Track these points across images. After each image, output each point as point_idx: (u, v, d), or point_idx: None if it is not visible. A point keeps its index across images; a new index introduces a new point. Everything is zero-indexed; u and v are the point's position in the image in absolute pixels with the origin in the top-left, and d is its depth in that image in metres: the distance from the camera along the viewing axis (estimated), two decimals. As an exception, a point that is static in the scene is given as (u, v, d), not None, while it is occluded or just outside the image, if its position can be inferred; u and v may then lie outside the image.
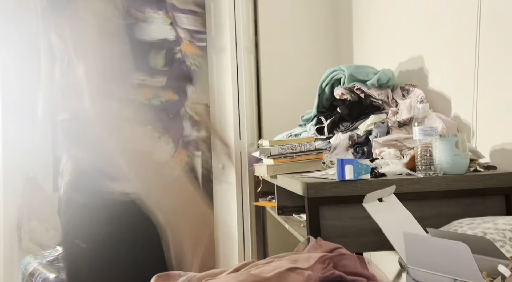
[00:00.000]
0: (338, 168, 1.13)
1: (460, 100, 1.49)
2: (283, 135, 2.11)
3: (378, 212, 0.75)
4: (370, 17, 2.17)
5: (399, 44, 1.89)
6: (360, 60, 2.30)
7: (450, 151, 1.18)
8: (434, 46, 1.64)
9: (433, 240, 0.66)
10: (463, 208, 1.18)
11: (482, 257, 0.71)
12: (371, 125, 1.61)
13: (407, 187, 1.14)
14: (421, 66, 1.72)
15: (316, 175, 1.30)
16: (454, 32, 1.52)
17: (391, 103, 1.69)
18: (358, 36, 2.32)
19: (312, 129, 1.87)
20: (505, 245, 0.89)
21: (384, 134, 1.58)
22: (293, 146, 1.44)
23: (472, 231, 0.96)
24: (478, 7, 1.40)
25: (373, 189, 1.10)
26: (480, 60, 1.40)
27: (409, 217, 0.82)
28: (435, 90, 1.62)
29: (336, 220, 1.13)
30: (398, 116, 1.56)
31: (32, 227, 2.04)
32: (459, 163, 1.18)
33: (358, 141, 1.62)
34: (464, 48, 1.47)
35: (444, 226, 1.07)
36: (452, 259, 0.63)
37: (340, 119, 1.78)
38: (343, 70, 1.74)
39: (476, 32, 1.41)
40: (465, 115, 1.46)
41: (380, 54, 2.07)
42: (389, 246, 0.74)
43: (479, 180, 1.17)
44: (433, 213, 1.17)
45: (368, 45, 2.20)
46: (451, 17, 1.53)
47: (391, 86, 1.77)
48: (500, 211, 1.20)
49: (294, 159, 1.44)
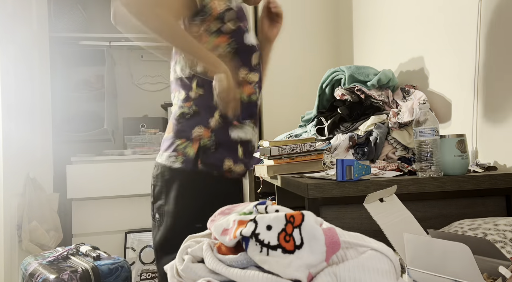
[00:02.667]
0: (338, 168, 1.13)
1: (461, 101, 1.49)
2: (284, 135, 2.11)
3: (379, 212, 0.75)
4: (371, 18, 2.17)
5: (400, 44, 1.89)
6: (360, 60, 2.30)
7: (450, 152, 1.18)
8: (434, 46, 1.64)
9: (433, 241, 0.66)
10: (464, 209, 1.19)
11: (482, 258, 0.71)
12: (372, 126, 1.61)
13: (407, 187, 1.13)
14: (421, 66, 1.72)
15: (316, 175, 1.30)
16: (454, 33, 1.52)
17: (392, 104, 1.69)
18: (358, 36, 2.32)
19: (312, 129, 1.87)
20: (506, 246, 0.89)
21: (385, 135, 1.58)
22: (294, 147, 1.44)
23: (473, 232, 0.95)
24: (479, 7, 1.40)
25: (373, 189, 1.10)
26: (480, 61, 1.40)
27: (409, 218, 0.81)
28: (435, 91, 1.62)
29: (336, 220, 1.13)
30: (400, 118, 1.56)
31: (32, 227, 2.04)
32: (459, 164, 1.18)
33: (359, 141, 1.62)
34: (465, 49, 1.47)
35: (444, 227, 1.07)
36: (453, 260, 0.63)
37: (341, 120, 1.78)
38: (344, 71, 1.74)
39: (477, 32, 1.41)
40: (465, 116, 1.46)
41: (381, 54, 2.07)
42: (390, 246, 0.74)
43: (480, 180, 1.17)
44: (434, 214, 1.17)
45: (369, 46, 2.20)
46: (452, 18, 1.53)
47: (392, 86, 1.77)
48: (500, 211, 1.20)
49: (294, 160, 1.44)
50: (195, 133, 1.13)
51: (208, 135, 1.13)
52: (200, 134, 1.13)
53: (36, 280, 1.39)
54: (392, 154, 1.58)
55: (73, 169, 2.49)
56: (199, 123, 1.14)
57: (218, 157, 1.13)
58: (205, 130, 1.13)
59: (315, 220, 0.53)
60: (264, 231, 0.52)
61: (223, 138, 1.14)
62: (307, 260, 0.50)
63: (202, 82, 1.14)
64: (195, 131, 1.13)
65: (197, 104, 1.15)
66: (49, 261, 1.50)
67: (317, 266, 0.50)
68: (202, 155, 1.12)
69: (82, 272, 1.41)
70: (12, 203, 1.99)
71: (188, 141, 1.12)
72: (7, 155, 1.95)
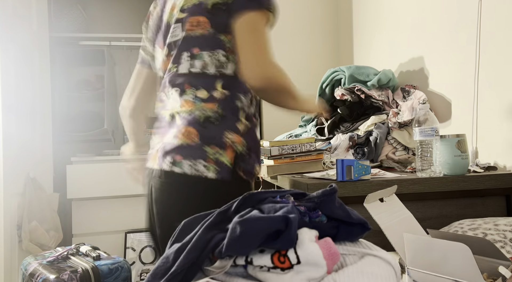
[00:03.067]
0: (338, 168, 1.13)
1: (461, 101, 1.49)
2: (284, 135, 2.11)
3: (379, 212, 0.75)
4: (371, 18, 2.17)
5: (400, 44, 1.89)
6: (360, 60, 2.30)
7: (450, 152, 1.18)
8: (434, 47, 1.64)
9: (433, 241, 0.66)
10: (464, 209, 1.19)
11: (482, 258, 0.71)
12: (372, 126, 1.61)
13: (407, 187, 1.13)
14: (421, 67, 1.72)
15: (316, 175, 1.30)
16: (454, 33, 1.52)
17: (392, 104, 1.68)
18: (358, 36, 2.32)
19: (312, 129, 1.87)
20: (506, 246, 0.89)
21: (385, 135, 1.58)
22: (294, 147, 1.44)
23: (473, 232, 0.95)
24: (479, 8, 1.40)
25: (373, 189, 1.10)
26: (480, 61, 1.40)
27: (410, 218, 0.81)
28: (436, 91, 1.62)
29: (336, 220, 1.12)
30: (400, 117, 1.56)
31: (32, 227, 2.04)
32: (459, 164, 1.18)
33: (359, 141, 1.62)
34: (465, 49, 1.47)
35: (444, 227, 1.07)
36: (453, 260, 0.63)
37: (341, 120, 1.78)
38: (344, 71, 1.74)
39: (477, 32, 1.41)
40: (465, 116, 1.46)
41: (381, 54, 2.07)
42: (390, 247, 0.74)
43: (480, 181, 1.17)
44: (434, 214, 1.17)
45: (369, 46, 2.20)
46: (452, 18, 1.53)
47: (392, 87, 1.77)
48: (500, 211, 1.20)
49: (294, 160, 1.44)
50: (226, 139, 1.05)
51: (240, 141, 1.06)
52: (232, 140, 1.05)
53: (36, 280, 1.39)
54: (392, 154, 1.58)
55: (73, 169, 2.49)
56: (227, 128, 1.06)
57: (251, 163, 1.08)
58: (236, 136, 1.06)
59: (310, 237, 0.52)
60: (257, 255, 0.52)
61: (252, 142, 1.09)
62: (308, 273, 0.49)
63: (228, 82, 1.08)
64: (226, 136, 1.05)
65: (223, 107, 1.06)
66: (49, 261, 1.50)
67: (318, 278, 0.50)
68: (240, 163, 1.05)
69: (82, 272, 1.41)
70: (12, 203, 1.99)
71: (219, 148, 1.03)
72: (7, 155, 1.95)
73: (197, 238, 0.55)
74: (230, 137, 1.05)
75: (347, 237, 0.60)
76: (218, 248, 0.54)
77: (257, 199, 0.61)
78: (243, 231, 0.51)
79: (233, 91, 1.08)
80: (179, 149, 1.05)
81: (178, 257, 0.55)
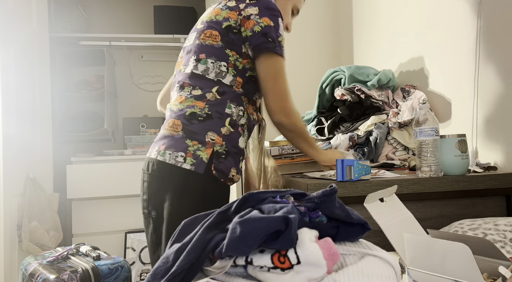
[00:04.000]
0: (338, 168, 1.13)
1: (461, 101, 1.49)
2: (284, 135, 2.11)
3: (379, 212, 0.75)
4: (371, 18, 2.17)
5: (400, 44, 1.89)
6: (360, 60, 2.30)
7: (451, 152, 1.18)
8: (434, 47, 1.64)
9: (433, 241, 0.66)
10: (464, 209, 1.18)
11: (482, 258, 0.71)
12: (372, 126, 1.61)
13: (407, 187, 1.13)
14: (421, 67, 1.72)
15: (316, 175, 1.30)
16: (454, 33, 1.52)
17: (392, 104, 1.68)
18: (358, 36, 2.32)
19: (312, 129, 1.87)
20: (506, 246, 0.89)
21: (385, 135, 1.58)
22: (294, 147, 1.44)
23: (473, 232, 0.96)
24: (479, 8, 1.40)
25: (373, 189, 1.10)
26: (480, 61, 1.40)
27: (409, 218, 0.81)
28: (436, 91, 1.62)
29: (336, 220, 1.12)
30: (400, 117, 1.56)
31: (32, 228, 2.04)
32: (459, 164, 1.18)
33: (359, 141, 1.62)
34: (465, 49, 1.47)
35: (444, 227, 1.07)
36: (453, 260, 0.63)
37: (341, 120, 1.78)
38: (344, 71, 1.74)
39: (477, 32, 1.41)
40: (465, 116, 1.46)
41: (381, 54, 2.07)
42: (390, 247, 0.74)
43: (480, 181, 1.17)
44: (434, 214, 1.17)
45: (369, 46, 2.20)
46: (452, 18, 1.53)
47: (392, 87, 1.77)
48: (500, 211, 1.20)
49: (294, 160, 1.44)
50: (208, 138, 1.14)
51: (221, 142, 1.15)
52: (213, 140, 1.14)
53: (36, 280, 1.39)
54: (392, 154, 1.58)
55: (73, 169, 2.49)
56: (211, 128, 1.15)
57: (227, 164, 1.15)
58: (218, 137, 1.15)
59: (310, 237, 0.53)
60: (257, 255, 0.52)
61: (232, 147, 1.17)
62: (308, 274, 0.49)
63: (223, 90, 1.17)
64: (209, 135, 1.14)
65: (212, 108, 1.16)
66: (49, 261, 1.50)
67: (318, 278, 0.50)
68: (214, 160, 1.13)
69: (82, 272, 1.41)
70: (12, 203, 1.99)
71: (200, 144, 1.13)
72: (7, 155, 1.95)
73: (197, 238, 0.55)
74: (211, 137, 1.14)
75: (347, 237, 0.60)
76: (218, 248, 0.53)
77: (257, 199, 0.61)
78: (243, 231, 0.51)
79: (226, 98, 1.18)
80: (164, 139, 1.16)
81: (178, 257, 0.55)
